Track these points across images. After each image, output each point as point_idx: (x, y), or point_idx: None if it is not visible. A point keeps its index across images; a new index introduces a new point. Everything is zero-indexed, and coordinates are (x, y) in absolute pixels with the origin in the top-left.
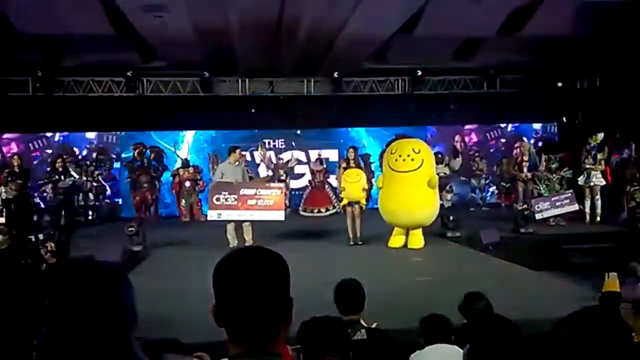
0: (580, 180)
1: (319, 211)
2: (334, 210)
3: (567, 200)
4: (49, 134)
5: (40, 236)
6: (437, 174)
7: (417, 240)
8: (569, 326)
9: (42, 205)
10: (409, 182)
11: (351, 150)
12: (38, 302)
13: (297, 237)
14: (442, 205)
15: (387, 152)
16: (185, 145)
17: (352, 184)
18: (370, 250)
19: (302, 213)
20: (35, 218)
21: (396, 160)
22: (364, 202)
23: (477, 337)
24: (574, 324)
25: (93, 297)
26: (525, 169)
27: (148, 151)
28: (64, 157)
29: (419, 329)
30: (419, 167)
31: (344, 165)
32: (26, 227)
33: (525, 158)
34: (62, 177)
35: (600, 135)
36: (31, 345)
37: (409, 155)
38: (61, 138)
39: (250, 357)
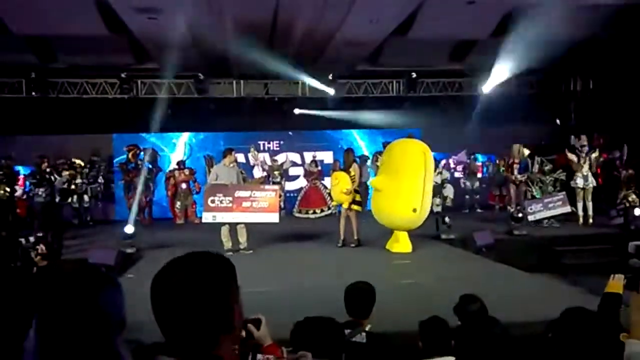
0: (574, 182)
1: (314, 212)
2: (329, 211)
3: (560, 202)
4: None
5: (31, 238)
6: None
7: (402, 244)
8: (556, 328)
9: (34, 207)
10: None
11: (344, 152)
12: (27, 305)
13: (290, 239)
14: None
15: None
16: (180, 147)
17: (333, 187)
18: (360, 252)
19: (296, 214)
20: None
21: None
22: (346, 205)
23: (467, 341)
24: (561, 325)
25: (75, 301)
26: (515, 171)
27: (142, 153)
28: (47, 157)
29: (418, 332)
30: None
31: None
32: (16, 229)
33: (517, 160)
34: (53, 178)
35: (584, 138)
36: (21, 348)
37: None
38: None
39: None
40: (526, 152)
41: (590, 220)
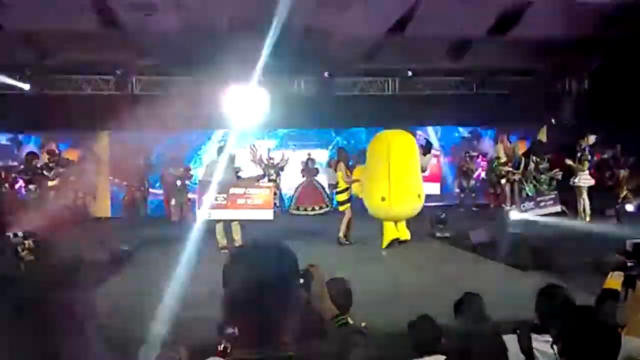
0: (572, 180)
1: (313, 209)
2: (327, 209)
3: (551, 202)
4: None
5: (20, 234)
6: None
7: (387, 233)
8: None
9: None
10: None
11: (337, 151)
12: (11, 300)
13: (286, 237)
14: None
15: None
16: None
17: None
18: (355, 250)
19: (293, 212)
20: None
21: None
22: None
23: (460, 339)
24: (561, 322)
25: (48, 297)
26: (508, 167)
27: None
28: (38, 154)
29: (407, 331)
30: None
31: (343, 163)
32: (4, 224)
33: (510, 159)
34: (45, 174)
35: (592, 138)
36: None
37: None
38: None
39: (259, 349)
40: (518, 150)
41: (588, 218)
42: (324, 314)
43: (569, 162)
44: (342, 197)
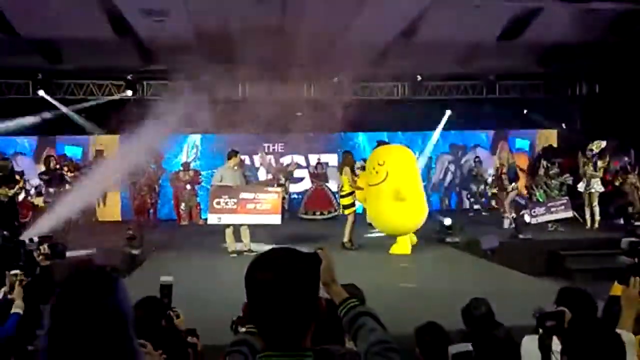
0: (580, 186)
1: (322, 213)
2: (335, 213)
3: (562, 207)
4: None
5: (35, 238)
6: None
7: (400, 245)
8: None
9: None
10: (376, 195)
11: (343, 154)
12: (31, 304)
13: (294, 241)
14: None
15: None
16: (185, 148)
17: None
18: (363, 255)
19: (302, 216)
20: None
21: (370, 172)
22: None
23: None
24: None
25: (96, 300)
26: (505, 181)
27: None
28: (54, 155)
29: (415, 337)
30: (383, 180)
31: (358, 165)
32: (18, 229)
33: (504, 170)
34: (61, 177)
35: (603, 143)
36: (25, 351)
37: (374, 168)
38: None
39: (282, 354)
40: (511, 159)
41: (596, 225)
42: (333, 297)
43: (587, 170)
44: (347, 200)
